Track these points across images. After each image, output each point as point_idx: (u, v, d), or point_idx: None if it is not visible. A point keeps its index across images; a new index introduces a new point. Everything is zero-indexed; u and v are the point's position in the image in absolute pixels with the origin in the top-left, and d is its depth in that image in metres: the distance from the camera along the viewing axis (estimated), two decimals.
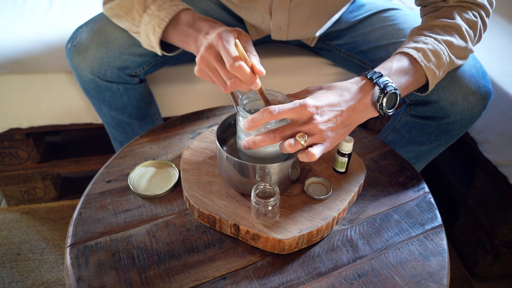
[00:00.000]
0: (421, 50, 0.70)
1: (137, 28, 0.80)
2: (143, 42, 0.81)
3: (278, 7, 0.91)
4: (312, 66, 1.17)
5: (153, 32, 0.76)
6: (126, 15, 0.79)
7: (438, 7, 0.78)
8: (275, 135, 0.61)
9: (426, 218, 0.71)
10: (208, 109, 0.96)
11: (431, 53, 0.70)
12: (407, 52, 0.70)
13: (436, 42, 0.71)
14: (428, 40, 0.71)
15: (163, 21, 0.74)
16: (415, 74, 0.70)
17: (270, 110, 0.59)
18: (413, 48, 0.70)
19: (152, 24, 0.76)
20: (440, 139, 0.92)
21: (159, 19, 0.75)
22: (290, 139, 0.60)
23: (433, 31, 0.73)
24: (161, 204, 0.72)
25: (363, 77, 0.67)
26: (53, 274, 1.12)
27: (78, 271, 0.61)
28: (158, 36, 0.76)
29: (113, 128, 1.05)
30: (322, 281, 0.61)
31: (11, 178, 1.27)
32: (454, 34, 0.73)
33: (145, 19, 0.76)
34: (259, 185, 0.65)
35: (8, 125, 1.14)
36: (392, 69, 0.68)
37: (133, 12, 0.77)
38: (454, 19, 0.74)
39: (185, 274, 0.61)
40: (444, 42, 0.72)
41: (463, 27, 0.73)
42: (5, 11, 1.26)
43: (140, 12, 0.77)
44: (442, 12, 0.76)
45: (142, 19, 0.77)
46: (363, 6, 1.04)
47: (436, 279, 0.61)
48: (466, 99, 0.82)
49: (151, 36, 0.77)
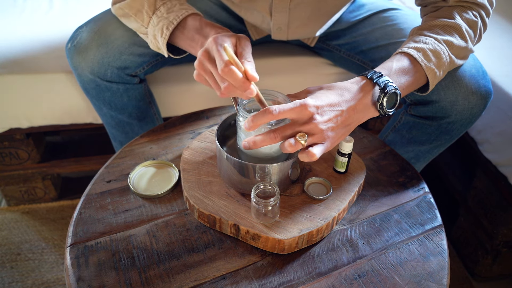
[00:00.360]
0: (421, 50, 0.70)
1: (145, 29, 0.80)
2: (150, 43, 0.81)
3: (278, 7, 0.91)
4: (312, 66, 1.17)
5: (161, 34, 0.76)
6: (135, 16, 0.79)
7: (438, 7, 0.78)
8: (276, 135, 0.61)
9: (426, 218, 0.71)
10: (208, 109, 0.96)
11: (431, 53, 0.70)
12: (407, 52, 0.70)
13: (436, 42, 0.71)
14: (428, 40, 0.71)
15: (171, 23, 0.75)
16: (415, 74, 0.70)
17: (270, 110, 0.59)
18: (413, 48, 0.70)
19: (160, 25, 0.76)
20: (440, 139, 0.92)
21: (168, 21, 0.75)
22: (290, 139, 0.60)
23: (433, 31, 0.73)
24: (161, 204, 0.72)
25: (363, 77, 0.67)
26: (53, 274, 1.12)
27: (78, 271, 0.61)
28: (165, 38, 0.76)
29: (113, 128, 1.05)
30: (322, 281, 0.61)
31: (11, 178, 1.27)
32: (454, 34, 0.73)
33: (154, 21, 0.77)
34: (259, 185, 0.65)
35: (8, 125, 1.14)
36: (392, 69, 0.68)
37: (143, 13, 0.78)
38: (454, 19, 0.74)
39: (185, 274, 0.61)
40: (444, 42, 0.72)
41: (463, 27, 0.73)
42: (5, 11, 1.26)
43: (150, 13, 0.77)
44: (442, 12, 0.76)
45: (151, 20, 0.77)
46: (363, 6, 1.04)
47: (436, 279, 0.61)
48: (466, 99, 0.82)
49: (159, 38, 0.77)
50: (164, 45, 0.78)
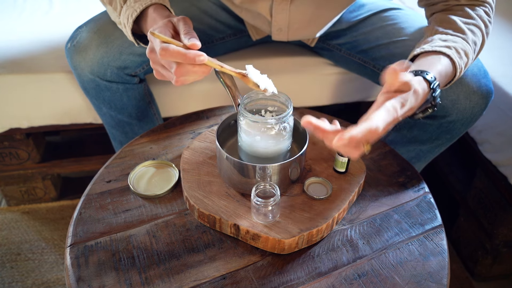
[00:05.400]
0: (462, 63, 0.69)
1: (119, 19, 0.79)
2: (125, 34, 0.79)
3: (278, 9, 0.91)
4: (312, 66, 1.17)
5: (126, 22, 0.75)
6: (111, 5, 0.77)
7: (449, 4, 0.77)
8: (377, 129, 0.53)
9: (426, 218, 0.71)
10: (208, 109, 0.96)
11: (464, 66, 0.70)
12: (454, 62, 0.68)
13: (470, 47, 0.71)
14: (467, 48, 0.70)
15: (135, 11, 0.73)
16: (449, 80, 0.70)
17: (373, 129, 0.51)
18: (459, 58, 0.69)
19: (127, 14, 0.74)
20: (441, 138, 0.92)
21: (133, 9, 0.73)
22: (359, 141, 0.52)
23: (462, 31, 0.72)
24: (161, 204, 0.72)
25: (428, 85, 0.62)
26: (53, 274, 1.12)
27: (78, 271, 0.61)
28: (130, 26, 0.74)
29: (113, 128, 1.05)
30: (322, 281, 0.61)
31: (11, 178, 1.27)
32: (478, 35, 0.73)
33: (124, 10, 0.75)
34: (259, 185, 0.65)
35: (8, 125, 1.14)
36: (442, 75, 0.66)
37: (116, 3, 0.76)
38: (474, 18, 0.74)
39: (185, 274, 0.61)
40: (473, 45, 0.72)
41: (482, 27, 0.74)
42: (5, 11, 1.26)
43: (121, 2, 0.76)
44: (456, 11, 0.76)
45: (122, 9, 0.76)
46: (364, 6, 1.04)
47: (436, 279, 0.61)
48: (467, 98, 0.82)
49: (127, 27, 0.76)
50: (129, 33, 0.76)
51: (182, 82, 0.62)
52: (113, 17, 0.81)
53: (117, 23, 0.81)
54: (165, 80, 0.66)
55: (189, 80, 0.62)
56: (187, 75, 0.61)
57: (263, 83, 0.65)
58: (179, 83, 0.62)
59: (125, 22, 0.76)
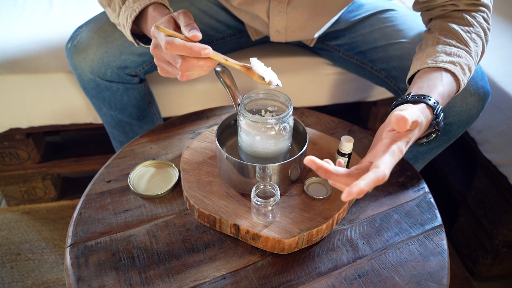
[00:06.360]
0: (466, 78, 0.69)
1: (118, 20, 0.79)
2: (125, 34, 0.79)
3: (275, 11, 0.91)
4: (311, 66, 1.17)
5: (126, 23, 0.75)
6: (110, 7, 0.78)
7: (447, 10, 0.76)
8: (384, 177, 0.52)
9: (426, 218, 0.71)
10: (208, 109, 0.96)
11: (466, 79, 0.69)
12: (459, 80, 0.67)
13: (475, 63, 0.70)
14: (471, 63, 0.70)
15: (134, 11, 0.73)
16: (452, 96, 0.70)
17: (381, 178, 0.51)
18: (463, 74, 0.68)
19: (126, 14, 0.75)
20: (438, 140, 0.92)
21: (132, 10, 0.74)
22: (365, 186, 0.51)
23: (465, 43, 0.71)
24: (161, 204, 0.72)
25: (431, 111, 0.62)
26: (53, 274, 1.12)
27: (78, 271, 0.61)
28: (129, 26, 0.75)
29: (113, 128, 1.05)
30: (322, 281, 0.61)
31: (11, 178, 1.27)
32: (479, 43, 0.72)
33: (122, 10, 0.75)
34: (259, 185, 0.65)
35: (8, 125, 1.14)
36: (444, 97, 0.65)
37: (115, 4, 0.76)
38: (473, 26, 0.73)
39: (185, 274, 0.61)
40: (476, 56, 0.71)
41: (482, 34, 0.73)
42: (5, 11, 1.26)
43: (120, 3, 0.76)
44: (455, 17, 0.75)
45: (121, 10, 0.76)
46: (362, 6, 1.04)
47: (436, 279, 0.61)
48: (464, 100, 0.82)
49: (126, 27, 0.76)
50: (128, 34, 0.76)
51: (188, 77, 0.62)
52: (112, 18, 0.81)
53: (116, 24, 0.81)
54: (169, 77, 0.66)
55: (194, 75, 0.62)
56: (192, 70, 0.61)
57: (268, 75, 0.64)
58: (184, 78, 0.62)
59: (124, 22, 0.76)
